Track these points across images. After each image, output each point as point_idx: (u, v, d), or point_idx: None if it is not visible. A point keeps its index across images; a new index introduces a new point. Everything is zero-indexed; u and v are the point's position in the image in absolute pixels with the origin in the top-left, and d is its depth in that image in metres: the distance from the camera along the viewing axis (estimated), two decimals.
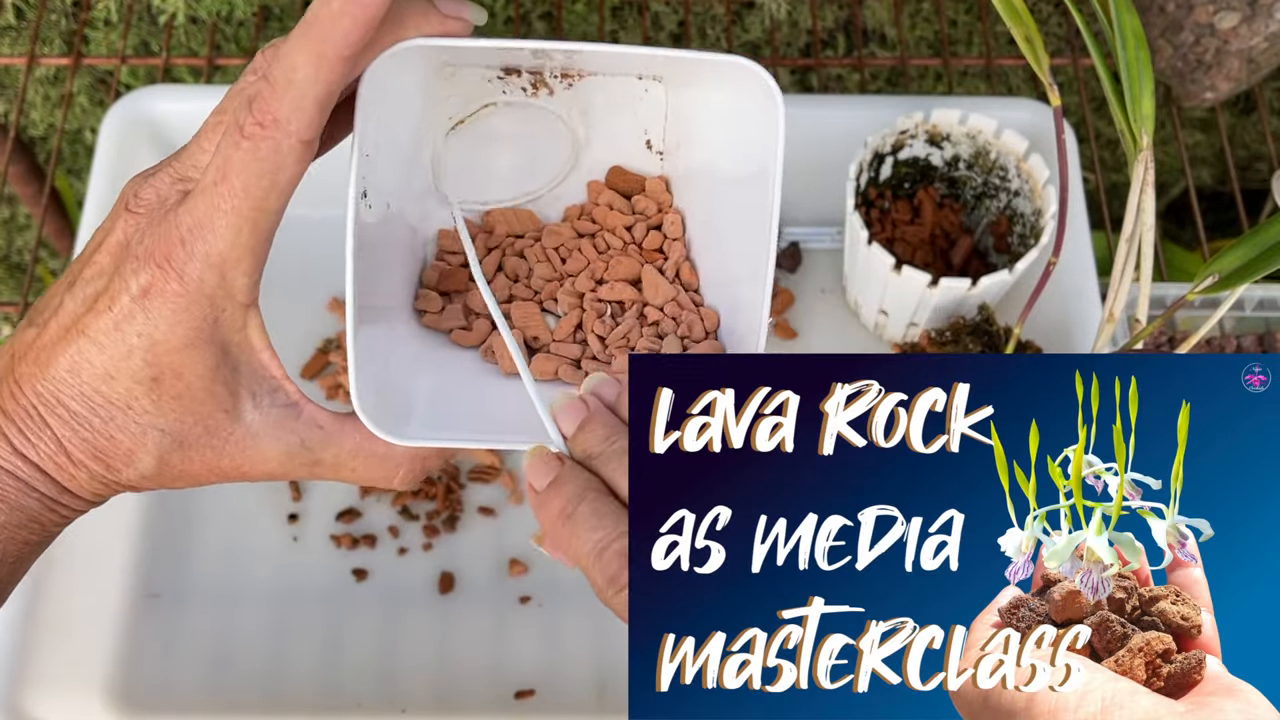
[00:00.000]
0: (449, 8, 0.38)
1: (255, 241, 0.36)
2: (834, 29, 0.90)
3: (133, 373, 0.37)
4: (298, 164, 0.36)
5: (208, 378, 0.37)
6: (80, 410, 0.37)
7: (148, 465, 0.38)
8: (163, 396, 0.37)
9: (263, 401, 0.39)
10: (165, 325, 0.36)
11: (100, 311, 0.37)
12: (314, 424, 0.39)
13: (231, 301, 0.37)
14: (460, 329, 0.46)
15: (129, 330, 0.37)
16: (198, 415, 0.38)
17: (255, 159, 0.35)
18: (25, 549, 0.39)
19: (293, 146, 0.35)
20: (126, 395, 0.37)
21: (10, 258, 1.12)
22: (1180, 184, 1.03)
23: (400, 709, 0.61)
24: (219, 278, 0.36)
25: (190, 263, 0.36)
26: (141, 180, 0.38)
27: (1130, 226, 0.53)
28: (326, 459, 0.39)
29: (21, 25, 0.88)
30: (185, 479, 0.39)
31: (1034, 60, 0.52)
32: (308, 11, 0.34)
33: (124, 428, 0.37)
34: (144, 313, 0.36)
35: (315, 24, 0.34)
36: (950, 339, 0.64)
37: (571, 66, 0.45)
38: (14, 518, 0.38)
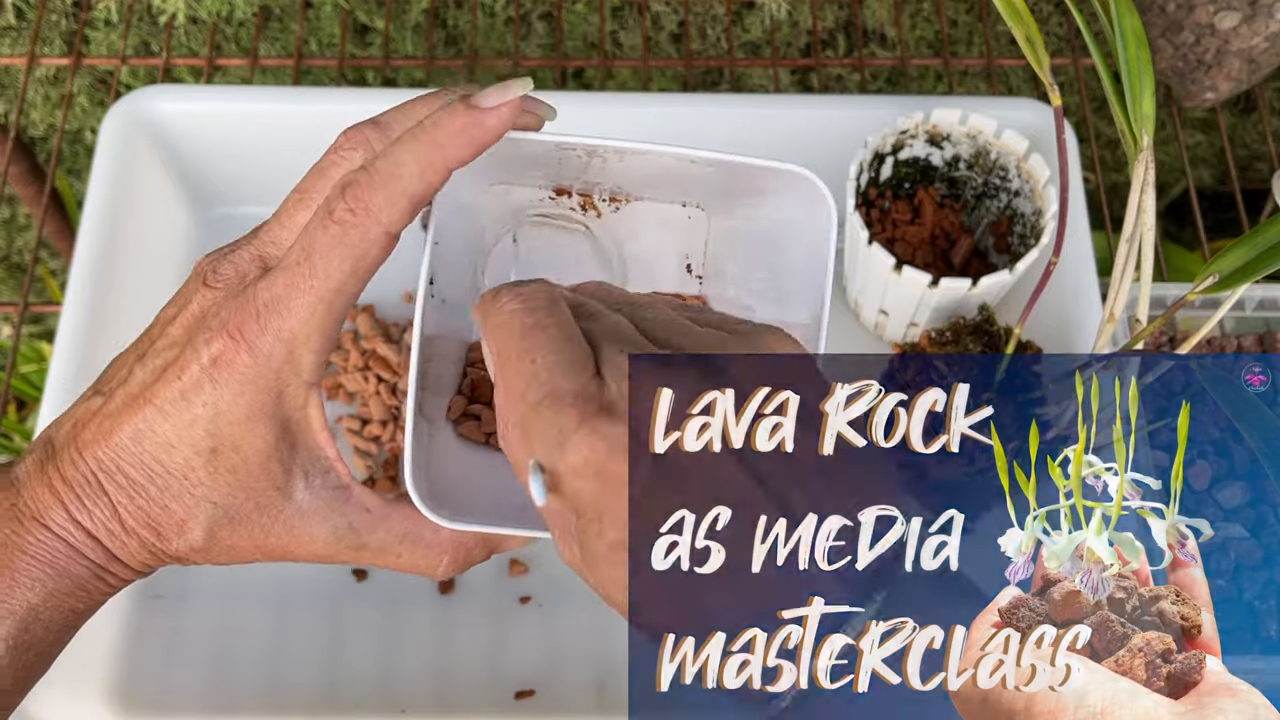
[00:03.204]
0: (530, 104, 0.39)
1: (327, 323, 0.37)
2: (834, 29, 0.90)
3: (194, 442, 0.37)
4: (381, 254, 0.37)
5: (264, 453, 0.38)
6: (138, 478, 0.38)
7: (197, 537, 0.38)
8: (219, 469, 0.38)
9: (314, 481, 0.39)
10: (230, 396, 0.37)
11: (169, 381, 0.37)
12: (362, 507, 0.39)
13: (297, 378, 0.38)
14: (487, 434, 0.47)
15: (195, 400, 0.37)
16: (250, 490, 0.38)
17: (341, 243, 0.36)
18: (70, 617, 0.39)
19: (379, 237, 0.37)
20: (185, 465, 0.37)
21: (10, 258, 1.12)
22: (1180, 184, 1.03)
23: (400, 709, 0.61)
24: (288, 353, 0.37)
25: (262, 336, 0.37)
26: (219, 256, 0.39)
27: (1130, 226, 0.53)
28: (373, 543, 0.39)
29: (22, 25, 0.88)
30: (231, 554, 0.39)
31: (1034, 60, 0.52)
32: (430, 116, 0.37)
33: (179, 497, 0.38)
34: (211, 383, 0.37)
35: (434, 132, 0.36)
36: (950, 339, 0.64)
37: (620, 191, 0.46)
38: (62, 584, 0.38)
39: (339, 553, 0.39)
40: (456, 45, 0.90)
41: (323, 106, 0.73)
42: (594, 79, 0.92)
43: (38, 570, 0.38)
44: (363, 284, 0.37)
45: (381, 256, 0.37)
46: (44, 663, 0.39)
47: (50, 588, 0.38)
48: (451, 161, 0.37)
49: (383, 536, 0.39)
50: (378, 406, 0.70)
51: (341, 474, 0.40)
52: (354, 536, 0.39)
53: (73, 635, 0.40)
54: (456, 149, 0.36)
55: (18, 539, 0.38)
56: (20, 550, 0.38)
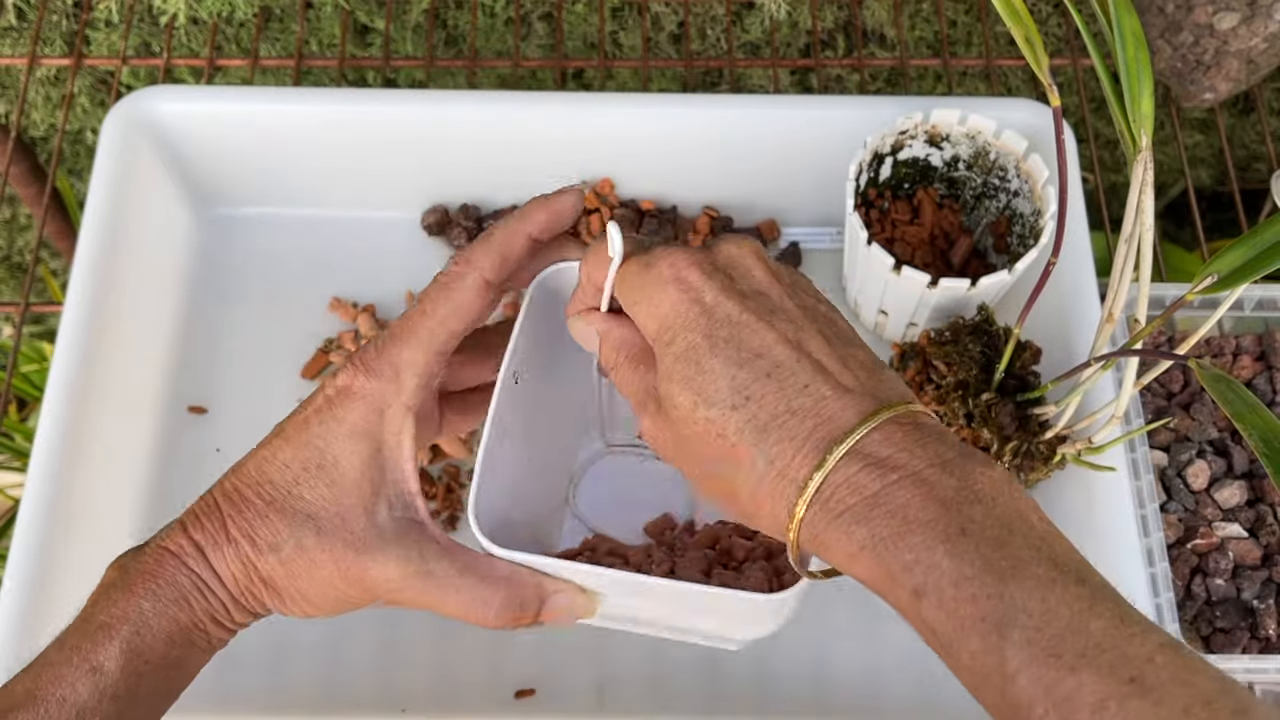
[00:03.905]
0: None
1: (429, 352, 0.43)
2: (834, 29, 0.90)
3: (304, 460, 0.43)
4: (477, 298, 0.44)
5: (359, 469, 0.42)
6: (250, 495, 0.43)
7: (288, 548, 0.42)
8: (319, 483, 0.42)
9: (396, 508, 0.43)
10: (343, 413, 0.43)
11: (299, 413, 0.44)
12: (433, 539, 0.43)
13: (398, 399, 0.43)
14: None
15: (315, 422, 0.43)
16: (341, 505, 0.42)
17: (445, 289, 0.44)
18: (176, 630, 0.42)
19: (475, 281, 0.44)
20: (292, 481, 0.42)
21: (11, 258, 1.12)
22: (1179, 184, 1.03)
23: (400, 709, 0.61)
24: (394, 373, 0.43)
25: (378, 361, 0.43)
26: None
27: (1129, 227, 0.53)
28: (438, 571, 0.43)
29: (23, 26, 0.88)
30: (312, 573, 0.42)
31: (1033, 61, 0.52)
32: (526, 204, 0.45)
33: (281, 509, 0.42)
34: (330, 407, 0.43)
35: (518, 213, 0.45)
36: (950, 339, 0.64)
37: None
38: (168, 591, 0.42)
39: (407, 577, 0.42)
40: (456, 45, 0.90)
41: (323, 107, 0.73)
42: (594, 79, 0.92)
43: (150, 582, 0.42)
44: (463, 321, 0.44)
45: (478, 301, 0.44)
46: (156, 675, 0.42)
47: (160, 594, 0.42)
48: (531, 227, 0.45)
49: (445, 567, 0.43)
50: None
51: (420, 509, 0.43)
52: (422, 562, 0.42)
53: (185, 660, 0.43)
54: (535, 221, 0.45)
55: (138, 562, 0.43)
56: (140, 570, 0.42)
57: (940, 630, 0.34)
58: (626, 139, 0.74)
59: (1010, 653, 0.32)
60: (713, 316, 0.39)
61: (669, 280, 0.40)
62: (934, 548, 0.34)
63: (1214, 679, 0.31)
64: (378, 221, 0.77)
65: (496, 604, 0.43)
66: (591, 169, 0.75)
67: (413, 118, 0.73)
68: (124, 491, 0.67)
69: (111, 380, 0.66)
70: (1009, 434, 0.61)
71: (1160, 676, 0.31)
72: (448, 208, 0.77)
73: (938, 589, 0.34)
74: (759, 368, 0.38)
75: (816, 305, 0.41)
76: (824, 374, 0.38)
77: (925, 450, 0.36)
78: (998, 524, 0.34)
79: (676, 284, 0.40)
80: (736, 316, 0.39)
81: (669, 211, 0.77)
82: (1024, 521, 0.35)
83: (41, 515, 0.60)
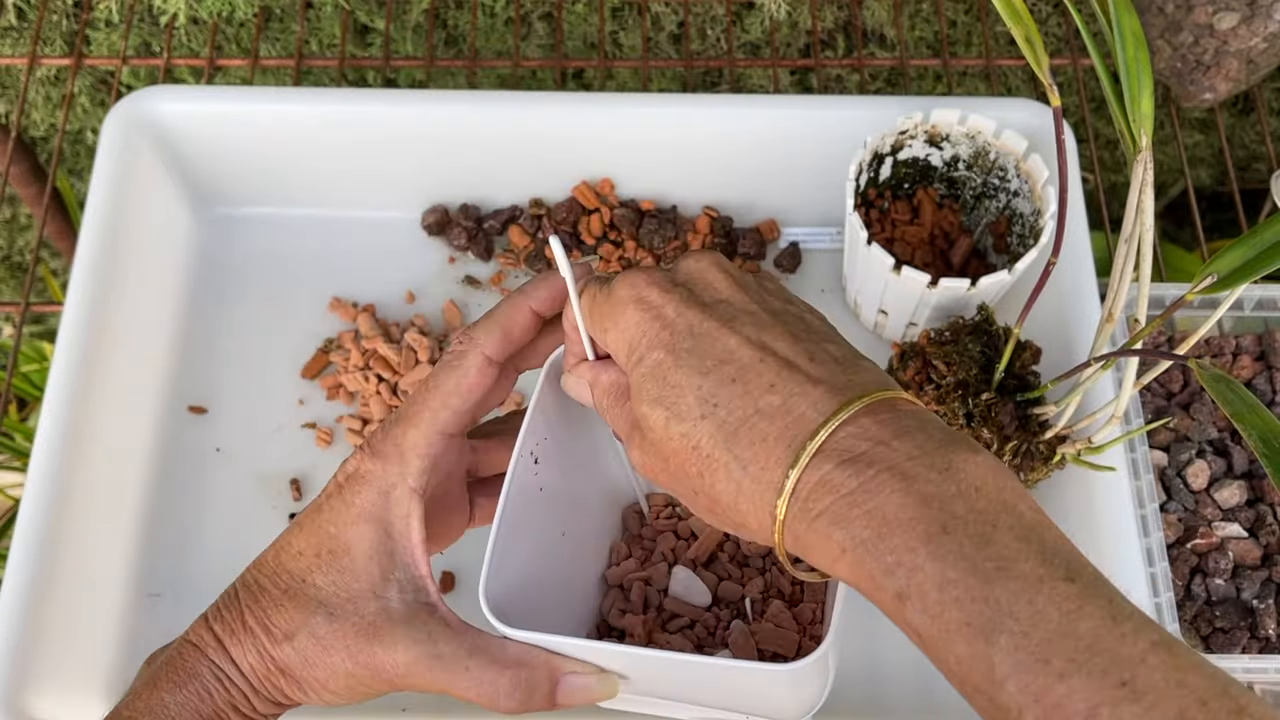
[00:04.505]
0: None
1: (432, 431, 0.43)
2: (834, 29, 0.90)
3: (316, 546, 0.43)
4: (479, 374, 0.44)
5: (368, 553, 0.42)
6: (266, 584, 0.43)
7: (302, 637, 0.42)
8: (331, 569, 0.43)
9: (406, 592, 0.43)
10: (350, 497, 0.43)
11: (314, 503, 0.44)
12: (444, 622, 0.43)
13: (403, 481, 0.43)
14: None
15: (326, 509, 0.43)
16: (351, 591, 0.42)
17: (448, 366, 0.44)
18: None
19: (477, 358, 0.44)
20: (305, 568, 0.43)
21: (11, 258, 1.12)
22: (1179, 184, 1.03)
23: (400, 709, 0.61)
24: (399, 455, 0.43)
25: (383, 443, 0.43)
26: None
27: (1129, 227, 0.53)
28: (446, 653, 0.42)
29: (23, 26, 0.88)
30: (324, 666, 0.42)
31: (1034, 60, 0.52)
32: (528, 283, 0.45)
33: (295, 597, 0.42)
34: (340, 492, 0.43)
35: (519, 290, 0.45)
36: (950, 339, 0.64)
37: None
38: (190, 684, 0.42)
39: (417, 660, 0.42)
40: (457, 45, 0.90)
41: (323, 107, 0.73)
42: (594, 79, 0.92)
43: (174, 674, 0.43)
44: (466, 399, 0.43)
45: (480, 379, 0.44)
46: None
47: (182, 686, 0.42)
48: (533, 301, 0.44)
49: (455, 648, 0.42)
50: (378, 406, 0.70)
51: (431, 591, 0.43)
52: (431, 645, 0.42)
53: None
54: (536, 297, 0.45)
55: (164, 655, 0.44)
56: (165, 663, 0.43)
57: (926, 634, 0.33)
58: (626, 139, 0.74)
59: (998, 659, 0.31)
60: (675, 330, 0.39)
61: (629, 301, 0.40)
62: (915, 549, 0.33)
63: (1209, 677, 0.30)
64: (378, 221, 0.77)
65: (505, 685, 0.42)
66: (591, 169, 0.75)
67: (413, 118, 0.73)
68: (124, 491, 0.67)
69: (111, 380, 0.66)
70: (1009, 434, 0.61)
71: (1153, 679, 0.30)
72: (448, 208, 0.77)
73: (921, 593, 0.33)
74: (724, 374, 0.37)
75: (786, 306, 0.40)
76: (791, 370, 0.37)
77: (904, 440, 0.35)
78: (982, 518, 0.33)
79: (637, 304, 0.40)
80: (698, 327, 0.38)
81: (669, 211, 0.77)
82: (1011, 512, 0.34)
83: (41, 515, 0.60)
